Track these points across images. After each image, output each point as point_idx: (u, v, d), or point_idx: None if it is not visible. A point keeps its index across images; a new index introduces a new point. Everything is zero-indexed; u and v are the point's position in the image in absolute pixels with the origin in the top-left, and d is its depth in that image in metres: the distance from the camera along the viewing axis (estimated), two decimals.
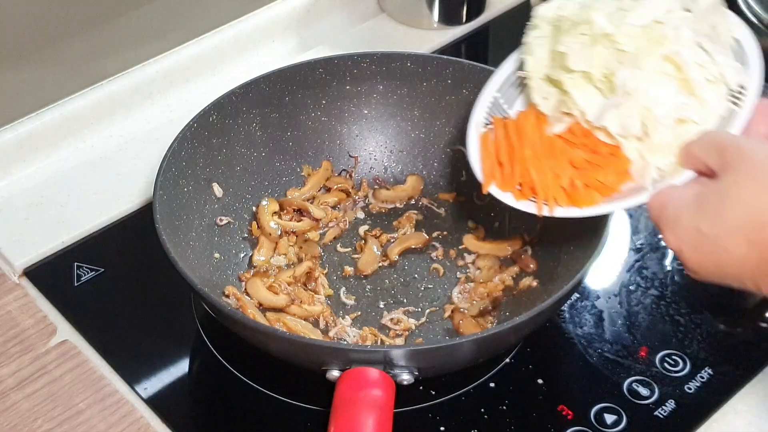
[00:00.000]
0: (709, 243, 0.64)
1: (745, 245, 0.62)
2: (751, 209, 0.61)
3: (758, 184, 0.62)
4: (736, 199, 0.62)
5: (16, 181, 1.03)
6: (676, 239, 0.66)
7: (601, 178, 0.76)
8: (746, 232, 0.61)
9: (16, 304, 0.91)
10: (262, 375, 0.84)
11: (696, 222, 0.64)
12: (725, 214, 0.63)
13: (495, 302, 0.89)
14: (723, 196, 0.63)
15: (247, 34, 1.17)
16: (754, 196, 0.62)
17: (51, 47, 1.02)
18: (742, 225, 0.62)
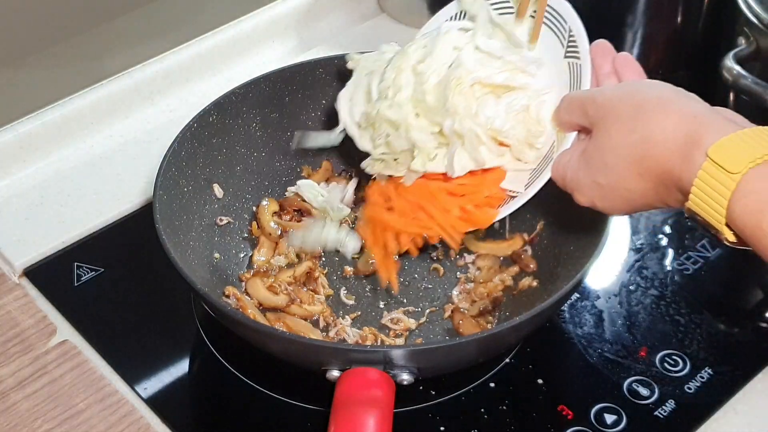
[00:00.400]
0: (611, 190, 0.69)
1: (638, 179, 0.67)
2: (626, 149, 0.67)
3: (622, 125, 0.67)
4: (611, 146, 0.68)
5: (16, 181, 1.03)
6: (584, 198, 0.72)
7: (486, 193, 0.81)
8: (633, 169, 0.67)
9: (16, 304, 0.91)
10: (262, 375, 0.84)
11: (591, 177, 0.70)
12: (609, 162, 0.68)
13: (495, 302, 0.89)
14: (600, 147, 0.69)
15: (247, 34, 1.17)
16: (623, 137, 0.67)
17: (51, 47, 1.02)
18: (626, 165, 0.67)
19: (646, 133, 0.65)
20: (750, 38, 0.98)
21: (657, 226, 0.98)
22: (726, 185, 0.60)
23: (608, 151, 0.68)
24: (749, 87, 0.94)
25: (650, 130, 0.65)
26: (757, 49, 0.98)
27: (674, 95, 0.66)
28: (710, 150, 0.61)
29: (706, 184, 0.61)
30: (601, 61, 0.77)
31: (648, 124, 0.65)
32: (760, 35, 0.97)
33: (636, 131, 0.66)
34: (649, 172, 0.66)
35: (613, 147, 0.68)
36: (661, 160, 0.64)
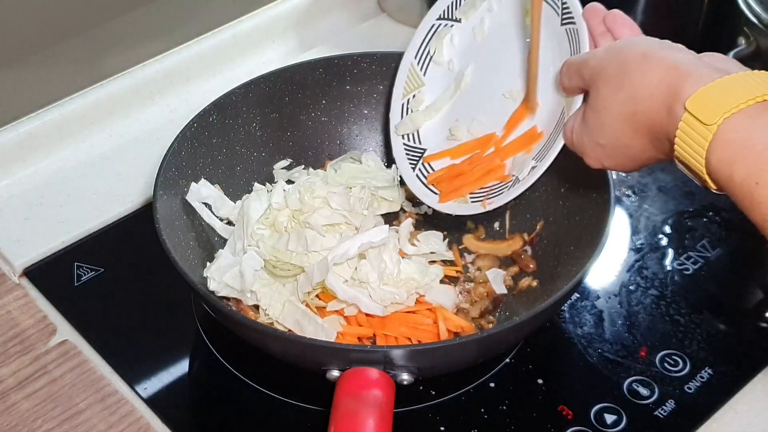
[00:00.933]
0: (613, 148, 0.71)
1: (634, 134, 0.68)
2: (617, 107, 0.68)
3: (611, 84, 0.68)
4: (604, 106, 0.69)
5: (16, 181, 1.03)
6: (592, 159, 0.73)
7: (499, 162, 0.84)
8: (627, 126, 0.68)
9: (16, 304, 0.91)
10: (262, 375, 0.84)
11: (593, 139, 0.72)
12: (605, 122, 0.70)
13: (495, 302, 0.89)
14: (594, 108, 0.70)
15: (247, 34, 1.17)
16: (612, 96, 0.68)
17: (51, 47, 1.02)
18: (620, 123, 0.68)
19: (632, 89, 0.66)
20: (750, 38, 0.98)
21: (657, 226, 0.98)
22: (703, 136, 0.60)
23: (602, 111, 0.69)
24: None
25: (635, 86, 0.66)
26: (757, 49, 0.98)
27: (657, 48, 0.67)
28: (688, 102, 0.62)
29: (687, 135, 0.62)
30: (593, 22, 0.78)
31: (633, 81, 0.66)
32: (760, 35, 0.97)
33: (623, 88, 0.67)
34: (641, 126, 0.67)
35: (605, 107, 0.69)
36: (649, 114, 0.65)
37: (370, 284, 0.84)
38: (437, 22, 0.91)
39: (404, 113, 0.92)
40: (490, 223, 0.96)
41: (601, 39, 0.77)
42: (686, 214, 0.99)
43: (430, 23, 0.92)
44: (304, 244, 0.85)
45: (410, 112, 0.92)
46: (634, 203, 1.01)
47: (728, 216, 0.99)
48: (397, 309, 0.85)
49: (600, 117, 0.70)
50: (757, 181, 0.58)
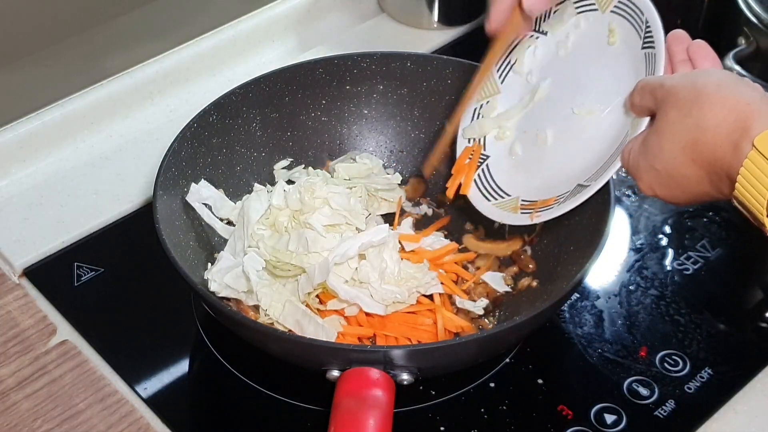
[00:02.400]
0: (668, 176, 0.69)
1: (692, 165, 0.67)
2: (681, 133, 0.67)
3: (680, 109, 0.67)
4: (668, 130, 0.68)
5: (16, 181, 1.03)
6: (644, 185, 0.72)
7: None
8: (686, 155, 0.67)
9: (16, 304, 0.91)
10: (262, 375, 0.84)
11: (649, 163, 0.71)
12: (665, 146, 0.69)
13: (495, 302, 0.89)
14: (658, 131, 0.70)
15: (247, 34, 1.17)
16: (679, 121, 0.67)
17: (51, 47, 1.02)
18: (680, 150, 0.67)
19: (699, 117, 0.65)
20: (750, 38, 0.98)
21: (657, 226, 0.98)
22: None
23: (664, 135, 0.69)
24: None
25: (703, 115, 0.65)
26: (757, 49, 0.98)
27: (733, 81, 0.67)
28: (756, 139, 0.61)
29: (751, 173, 0.61)
30: (675, 49, 0.77)
31: (702, 109, 0.65)
32: (760, 35, 0.97)
33: (691, 115, 0.66)
34: (701, 158, 0.66)
35: (669, 131, 0.68)
36: (712, 146, 0.65)
37: (371, 284, 0.84)
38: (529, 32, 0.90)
39: (475, 117, 0.92)
40: (490, 223, 0.96)
41: (680, 66, 0.76)
42: (686, 214, 0.99)
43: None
44: (304, 244, 0.85)
45: (481, 117, 0.91)
46: (634, 203, 1.01)
47: (728, 216, 0.99)
48: (398, 308, 0.85)
49: (661, 140, 0.69)
50: None
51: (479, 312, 0.87)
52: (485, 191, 0.88)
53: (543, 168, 0.85)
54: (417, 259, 0.89)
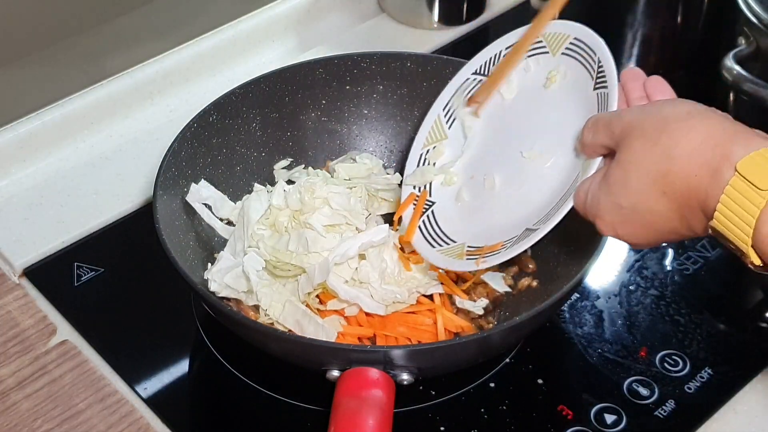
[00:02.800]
0: (633, 212, 0.65)
1: (661, 198, 0.63)
2: (649, 164, 0.63)
3: (646, 139, 0.64)
4: (634, 162, 0.64)
5: (16, 181, 1.03)
6: (605, 224, 0.69)
7: None
8: (656, 188, 0.63)
9: (16, 304, 0.91)
10: (262, 375, 0.84)
11: (612, 199, 0.67)
12: (631, 180, 0.65)
13: (495, 302, 0.89)
14: (622, 164, 0.65)
15: (247, 34, 1.16)
16: (646, 152, 0.64)
17: (51, 47, 1.01)
18: (649, 182, 0.63)
19: (670, 146, 0.62)
20: (750, 38, 0.98)
21: None
22: (755, 203, 0.56)
23: (631, 168, 0.65)
24: (749, 87, 0.94)
25: (675, 142, 0.62)
26: (757, 49, 0.98)
27: (703, 110, 0.63)
28: (739, 164, 0.57)
29: (734, 200, 0.57)
30: (631, 86, 0.75)
31: (672, 136, 0.62)
32: (760, 35, 0.97)
33: (660, 143, 0.62)
34: (672, 189, 0.62)
35: (635, 162, 0.64)
36: (686, 175, 0.61)
37: (371, 284, 0.84)
38: (471, 77, 0.90)
39: (421, 163, 0.91)
40: None
41: (637, 103, 0.74)
42: None
43: (465, 77, 0.90)
44: (304, 244, 0.85)
45: (427, 163, 0.90)
46: None
47: None
48: (398, 308, 0.85)
49: (627, 174, 0.65)
50: None
51: (479, 312, 0.87)
52: (430, 238, 0.87)
53: (491, 213, 0.84)
54: (417, 259, 0.89)
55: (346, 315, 0.85)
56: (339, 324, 0.84)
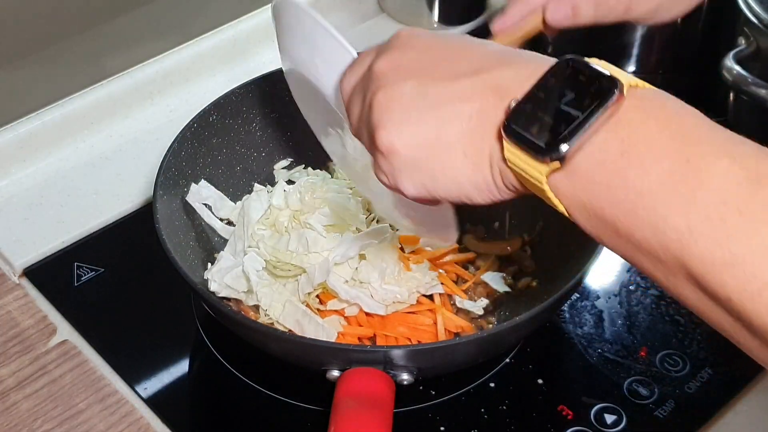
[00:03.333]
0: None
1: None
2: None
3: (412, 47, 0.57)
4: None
5: (16, 181, 1.03)
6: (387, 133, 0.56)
7: None
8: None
9: (16, 304, 0.91)
10: (262, 375, 0.84)
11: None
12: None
13: (495, 302, 0.89)
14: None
15: (247, 34, 1.16)
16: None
17: (51, 47, 1.02)
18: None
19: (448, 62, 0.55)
20: (750, 38, 0.98)
21: None
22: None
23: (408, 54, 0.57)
24: (749, 87, 0.94)
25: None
26: (757, 49, 0.98)
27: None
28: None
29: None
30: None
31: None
32: (760, 35, 0.97)
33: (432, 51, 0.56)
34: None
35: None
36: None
37: (371, 284, 0.84)
38: None
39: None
40: (490, 223, 0.96)
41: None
42: None
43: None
44: (304, 244, 0.85)
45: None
46: None
47: None
48: (398, 308, 0.85)
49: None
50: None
51: (479, 312, 0.87)
52: None
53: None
54: (417, 259, 0.89)
55: (346, 315, 0.85)
56: (339, 324, 0.84)
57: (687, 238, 0.45)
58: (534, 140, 0.50)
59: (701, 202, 0.45)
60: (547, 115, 0.50)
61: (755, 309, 0.43)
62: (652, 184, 0.46)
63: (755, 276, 0.43)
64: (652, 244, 0.47)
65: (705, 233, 0.44)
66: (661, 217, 0.46)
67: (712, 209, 0.45)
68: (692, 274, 0.45)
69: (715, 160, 0.46)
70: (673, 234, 0.45)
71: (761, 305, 0.43)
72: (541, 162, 0.49)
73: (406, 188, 0.56)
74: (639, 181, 0.47)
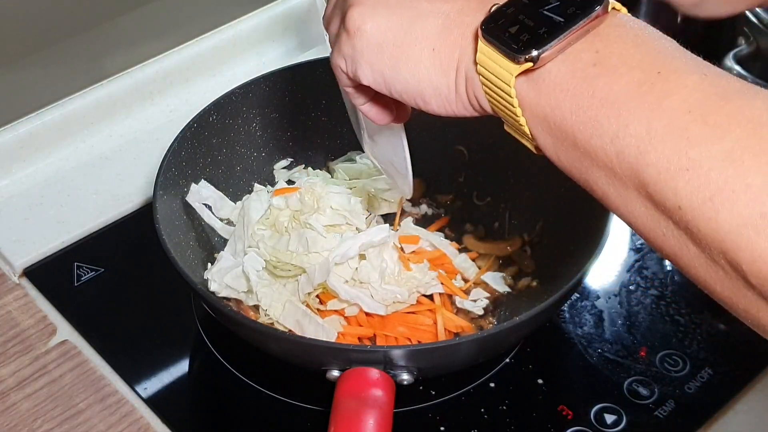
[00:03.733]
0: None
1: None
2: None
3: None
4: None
5: (16, 181, 1.03)
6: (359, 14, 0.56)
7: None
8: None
9: (16, 304, 0.91)
10: (262, 375, 0.84)
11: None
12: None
13: (495, 302, 0.89)
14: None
15: (247, 34, 1.17)
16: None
17: (51, 47, 1.01)
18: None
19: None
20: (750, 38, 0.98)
21: None
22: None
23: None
24: None
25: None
26: (757, 49, 0.98)
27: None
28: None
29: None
30: None
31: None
32: (760, 35, 0.97)
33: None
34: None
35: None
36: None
37: (371, 284, 0.84)
38: None
39: None
40: (490, 223, 0.96)
41: None
42: None
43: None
44: (304, 244, 0.85)
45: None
46: None
47: None
48: (398, 308, 0.85)
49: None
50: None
51: (479, 312, 0.87)
52: None
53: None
54: (417, 259, 0.89)
55: (346, 315, 0.85)
56: (339, 324, 0.84)
57: (645, 144, 0.45)
58: (510, 41, 0.49)
59: (666, 109, 0.45)
60: (527, 18, 0.50)
61: (704, 215, 0.43)
62: (619, 92, 0.46)
63: (710, 181, 0.43)
64: (608, 153, 0.46)
65: (665, 139, 0.44)
66: (622, 123, 0.46)
67: (676, 117, 0.45)
68: (645, 183, 0.45)
69: (686, 75, 0.46)
70: (632, 140, 0.45)
71: (711, 210, 0.43)
72: (513, 61, 0.49)
73: (364, 73, 0.55)
74: (607, 88, 0.47)
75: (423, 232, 0.92)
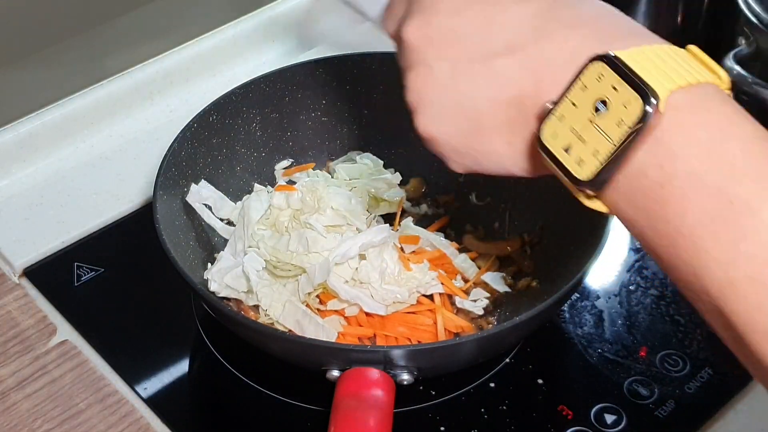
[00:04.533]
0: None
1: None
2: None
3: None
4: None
5: (16, 181, 1.03)
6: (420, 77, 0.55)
7: None
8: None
9: (16, 304, 0.91)
10: (262, 375, 0.84)
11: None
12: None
13: (495, 302, 0.89)
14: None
15: (247, 34, 1.17)
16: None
17: (51, 47, 1.02)
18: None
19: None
20: (750, 38, 0.98)
21: None
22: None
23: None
24: (749, 87, 0.94)
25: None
26: (757, 49, 0.98)
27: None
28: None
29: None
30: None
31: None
32: (760, 35, 0.97)
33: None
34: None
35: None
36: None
37: (371, 284, 0.84)
38: None
39: None
40: (490, 223, 0.96)
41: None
42: None
43: None
44: (305, 244, 0.85)
45: None
46: None
47: None
48: (398, 308, 0.85)
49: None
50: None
51: (479, 312, 0.87)
52: None
53: None
54: (417, 259, 0.89)
55: (347, 315, 0.85)
56: (339, 324, 0.84)
57: (728, 292, 0.42)
58: (566, 165, 0.48)
59: (744, 258, 0.42)
60: (579, 131, 0.47)
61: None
62: (693, 226, 0.43)
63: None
64: (692, 282, 0.44)
65: (748, 295, 0.42)
66: (702, 263, 0.43)
67: (757, 269, 0.41)
68: (731, 325, 0.43)
69: (760, 205, 0.42)
70: (715, 283, 0.43)
71: None
72: (575, 186, 0.49)
73: (453, 167, 0.56)
74: (679, 219, 0.44)
75: (423, 232, 0.92)
